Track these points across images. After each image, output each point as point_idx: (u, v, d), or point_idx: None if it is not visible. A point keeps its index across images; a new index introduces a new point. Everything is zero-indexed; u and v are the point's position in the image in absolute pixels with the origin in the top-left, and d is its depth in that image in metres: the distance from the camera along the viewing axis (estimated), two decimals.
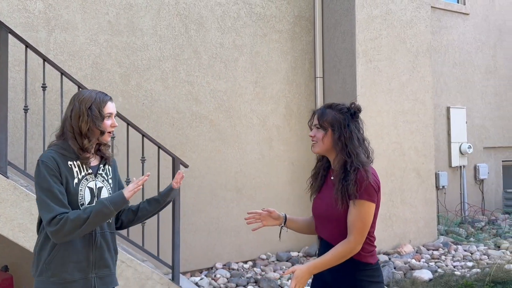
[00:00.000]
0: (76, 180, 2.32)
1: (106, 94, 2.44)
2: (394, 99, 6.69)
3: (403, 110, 6.77)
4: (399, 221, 6.67)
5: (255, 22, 6.39)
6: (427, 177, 7.00)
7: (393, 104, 6.67)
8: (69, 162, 2.32)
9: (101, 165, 2.46)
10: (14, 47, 4.68)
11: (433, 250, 6.61)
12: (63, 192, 2.25)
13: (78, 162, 2.35)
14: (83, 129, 2.33)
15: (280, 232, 2.63)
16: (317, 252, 2.61)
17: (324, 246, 2.44)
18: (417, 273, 5.43)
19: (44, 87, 4.21)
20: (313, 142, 2.45)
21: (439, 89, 8.42)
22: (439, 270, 5.68)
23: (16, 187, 3.78)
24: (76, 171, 2.34)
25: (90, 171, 2.39)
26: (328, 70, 6.77)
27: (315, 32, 6.84)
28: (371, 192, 2.30)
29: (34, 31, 4.99)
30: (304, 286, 2.24)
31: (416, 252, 6.46)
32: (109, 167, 2.51)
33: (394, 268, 5.70)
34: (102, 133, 2.38)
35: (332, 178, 2.45)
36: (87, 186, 2.36)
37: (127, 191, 2.30)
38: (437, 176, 7.97)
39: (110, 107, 2.41)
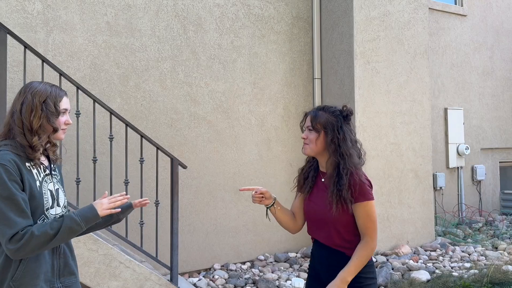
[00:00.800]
0: (38, 183, 2.08)
1: (61, 89, 2.21)
2: (392, 100, 6.71)
3: (401, 111, 6.79)
4: (397, 222, 6.69)
5: (253, 23, 6.40)
6: (425, 178, 7.02)
7: (391, 105, 6.69)
8: (27, 164, 2.07)
9: (52, 165, 2.23)
10: (13, 48, 4.68)
11: (430, 251, 6.63)
12: (26, 200, 1.98)
13: (33, 162, 2.11)
14: (34, 125, 2.08)
15: (267, 212, 2.64)
16: (311, 253, 2.64)
17: (319, 248, 2.49)
18: (415, 274, 5.44)
19: None
20: (305, 144, 2.48)
21: (436, 90, 8.45)
22: (437, 271, 5.70)
23: None
24: (36, 173, 2.09)
25: (47, 171, 2.16)
26: (326, 71, 6.78)
27: (313, 33, 6.86)
28: (367, 191, 2.36)
29: (32, 32, 4.99)
30: None
31: (414, 253, 6.46)
32: (55, 167, 2.28)
33: (392, 269, 5.71)
34: (56, 130, 2.15)
35: (323, 180, 2.47)
36: (48, 189, 2.12)
37: (101, 209, 2.10)
38: (434, 177, 7.99)
39: (66, 103, 2.19)
